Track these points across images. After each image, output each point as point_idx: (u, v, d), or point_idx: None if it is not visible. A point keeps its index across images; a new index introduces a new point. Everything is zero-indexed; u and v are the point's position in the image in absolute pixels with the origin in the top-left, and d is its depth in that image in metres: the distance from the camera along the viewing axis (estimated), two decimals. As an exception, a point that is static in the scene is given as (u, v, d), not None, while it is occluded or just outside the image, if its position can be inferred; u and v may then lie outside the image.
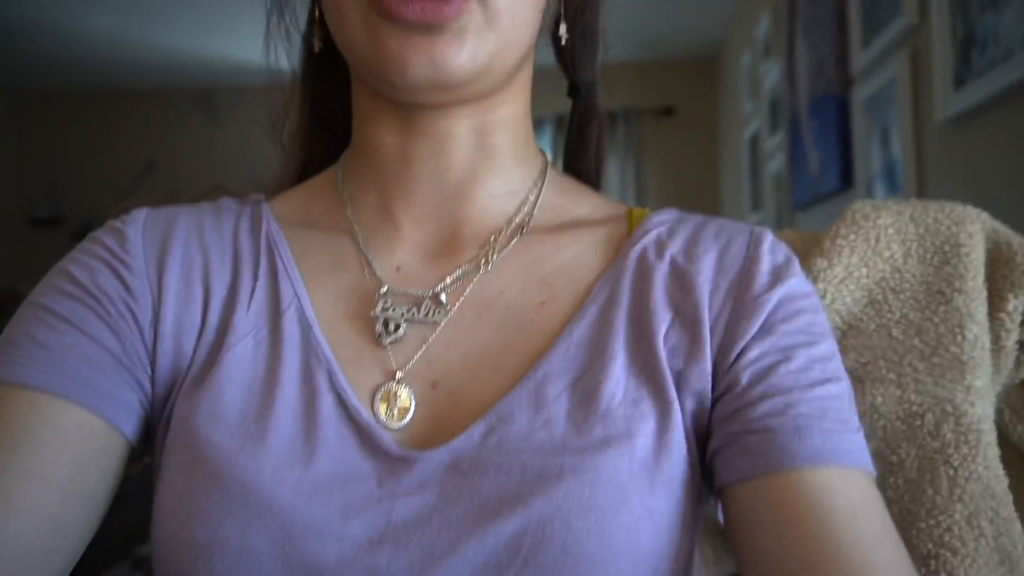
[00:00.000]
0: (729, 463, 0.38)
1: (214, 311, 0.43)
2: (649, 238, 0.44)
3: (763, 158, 2.81)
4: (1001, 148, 1.17)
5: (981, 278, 0.42)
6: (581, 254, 0.45)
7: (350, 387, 0.40)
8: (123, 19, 3.53)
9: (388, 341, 0.41)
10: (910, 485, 0.45)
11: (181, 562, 0.36)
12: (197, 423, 0.39)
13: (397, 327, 0.42)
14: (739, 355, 0.40)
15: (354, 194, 0.47)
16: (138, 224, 0.45)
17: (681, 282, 0.42)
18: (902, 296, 0.46)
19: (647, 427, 0.38)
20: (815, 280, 0.47)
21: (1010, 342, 0.43)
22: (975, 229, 0.44)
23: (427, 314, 0.42)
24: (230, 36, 3.78)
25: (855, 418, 0.40)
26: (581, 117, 0.54)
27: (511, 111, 0.46)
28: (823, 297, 0.47)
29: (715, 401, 0.40)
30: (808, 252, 0.48)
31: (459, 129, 0.44)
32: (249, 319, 0.42)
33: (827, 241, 0.48)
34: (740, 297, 0.41)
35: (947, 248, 0.45)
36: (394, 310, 0.42)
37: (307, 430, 0.39)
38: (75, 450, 0.38)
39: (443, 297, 0.43)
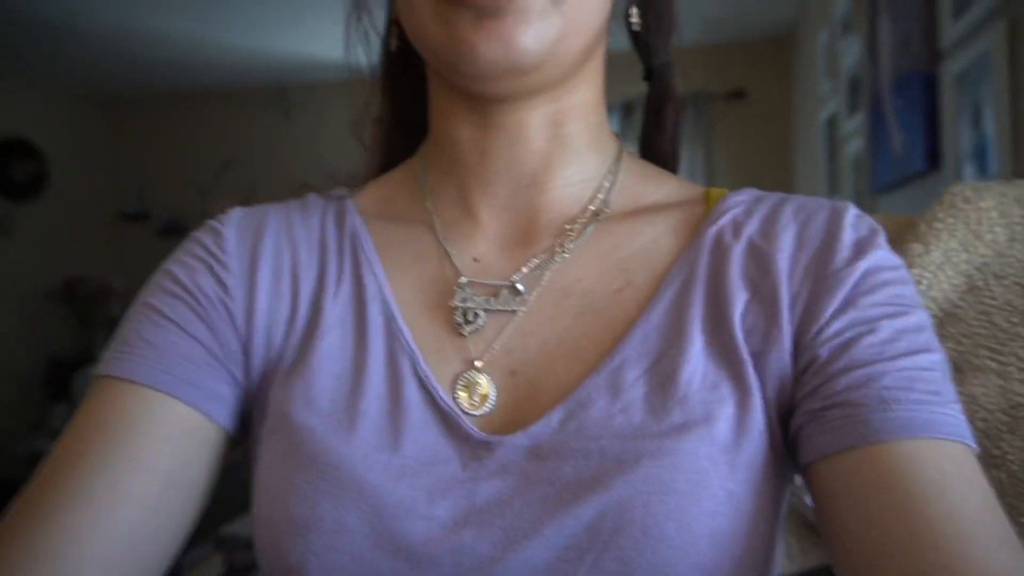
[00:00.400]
0: (811, 440, 0.37)
1: (303, 303, 0.45)
2: (726, 219, 0.44)
3: (841, 141, 2.70)
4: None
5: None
6: (658, 238, 0.45)
7: (433, 375, 0.42)
8: (201, 22, 3.68)
9: (468, 331, 0.43)
10: (1014, 480, 0.43)
11: (280, 539, 0.39)
12: (292, 410, 0.41)
13: (476, 316, 0.43)
14: (819, 331, 0.39)
15: (434, 187, 0.48)
16: (233, 223, 0.48)
17: (758, 261, 0.42)
18: (1005, 282, 0.44)
19: (726, 411, 0.38)
20: (910, 266, 0.45)
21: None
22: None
23: (505, 303, 0.43)
24: (302, 35, 3.89)
25: (950, 389, 0.37)
26: (657, 101, 0.54)
27: (583, 99, 0.46)
28: (919, 283, 0.45)
29: (797, 379, 0.39)
30: (902, 237, 0.47)
31: (532, 120, 0.45)
32: (336, 311, 0.44)
33: (923, 225, 0.46)
34: (820, 272, 0.40)
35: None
36: (473, 300, 0.43)
37: (393, 416, 0.40)
38: (177, 442, 0.41)
39: (520, 286, 0.44)
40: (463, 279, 0.44)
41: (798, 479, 0.42)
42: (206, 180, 4.81)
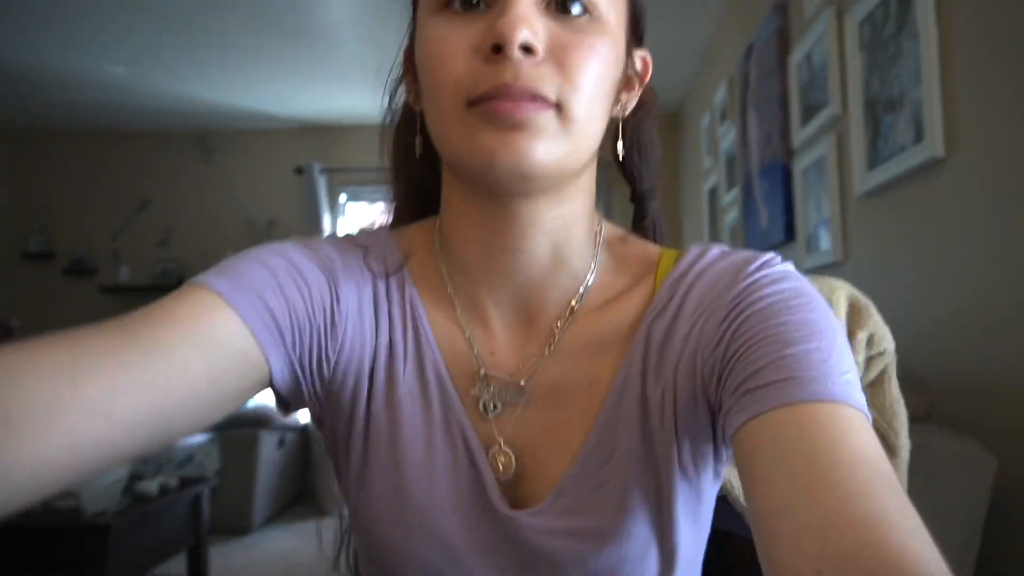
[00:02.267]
0: (731, 418, 0.42)
1: (381, 357, 0.53)
2: (660, 313, 0.51)
3: (720, 210, 3.15)
4: (900, 217, 1.51)
5: (843, 320, 0.71)
6: (616, 329, 0.52)
7: (478, 446, 0.51)
8: (134, 68, 3.75)
9: (491, 416, 0.52)
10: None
11: (383, 556, 0.52)
12: (391, 450, 0.52)
13: (495, 407, 0.52)
14: (720, 381, 0.45)
15: (451, 275, 0.55)
16: (337, 259, 0.53)
17: (686, 354, 0.48)
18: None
19: (641, 531, 0.49)
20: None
21: (860, 358, 0.71)
22: (841, 293, 0.74)
23: (515, 398, 0.52)
24: (226, 82, 4.00)
25: (841, 367, 0.41)
26: (641, 215, 0.62)
27: (577, 207, 0.52)
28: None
29: (717, 401, 0.46)
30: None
31: (539, 245, 0.51)
32: (407, 377, 0.53)
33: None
34: (711, 321, 0.47)
35: (830, 303, 0.74)
36: (493, 391, 0.52)
37: (454, 473, 0.51)
38: (222, 355, 0.43)
39: (522, 382, 0.52)
40: (483, 372, 0.52)
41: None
42: (119, 220, 4.76)
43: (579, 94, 0.46)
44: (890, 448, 0.73)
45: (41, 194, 4.84)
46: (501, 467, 0.50)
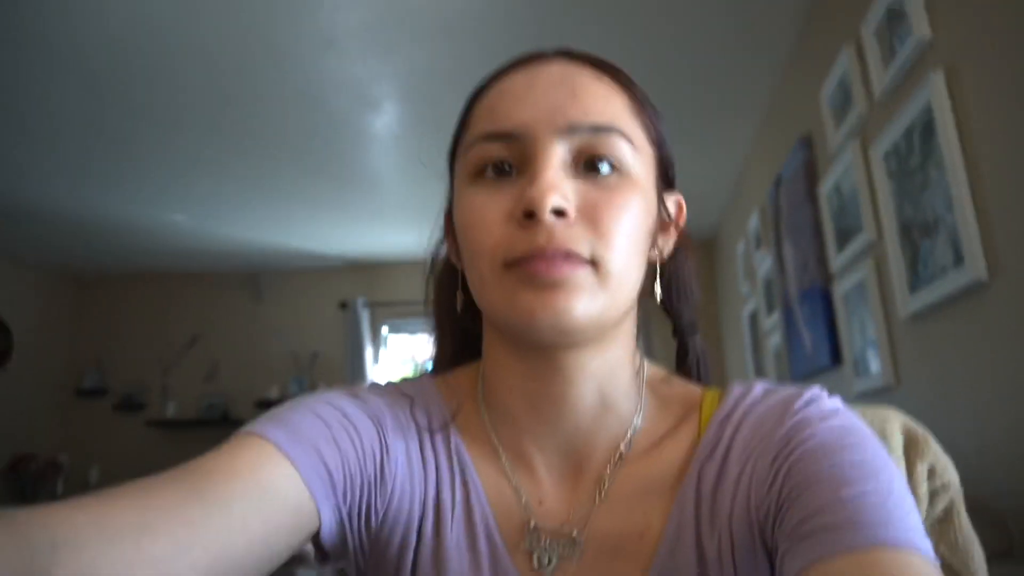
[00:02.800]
0: (787, 563, 0.41)
1: (429, 510, 0.52)
2: (708, 456, 0.50)
3: (763, 335, 3.12)
4: (949, 340, 1.47)
5: (900, 452, 0.68)
6: (664, 474, 0.51)
7: None
8: (193, 215, 4.01)
9: (547, 573, 0.50)
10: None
11: None
12: None
13: (550, 560, 0.50)
14: (775, 526, 0.44)
15: (495, 424, 0.55)
16: (385, 412, 0.54)
17: (739, 497, 0.47)
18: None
19: None
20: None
21: (922, 491, 0.68)
22: (895, 424, 0.72)
23: (568, 551, 0.50)
24: (275, 225, 4.24)
25: (902, 509, 0.40)
26: (683, 350, 0.62)
27: (618, 354, 0.53)
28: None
29: (773, 541, 0.44)
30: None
31: (586, 391, 0.51)
32: (455, 531, 0.51)
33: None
34: (758, 468, 0.47)
35: (883, 434, 0.72)
36: (545, 543, 0.50)
37: None
38: (278, 508, 0.43)
39: (575, 533, 0.50)
40: (532, 523, 0.51)
41: None
42: (169, 356, 4.91)
43: (613, 250, 0.47)
44: (969, 591, 0.68)
45: (99, 333, 5.07)
46: None
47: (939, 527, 0.72)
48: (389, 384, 0.59)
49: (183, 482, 0.41)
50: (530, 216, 0.46)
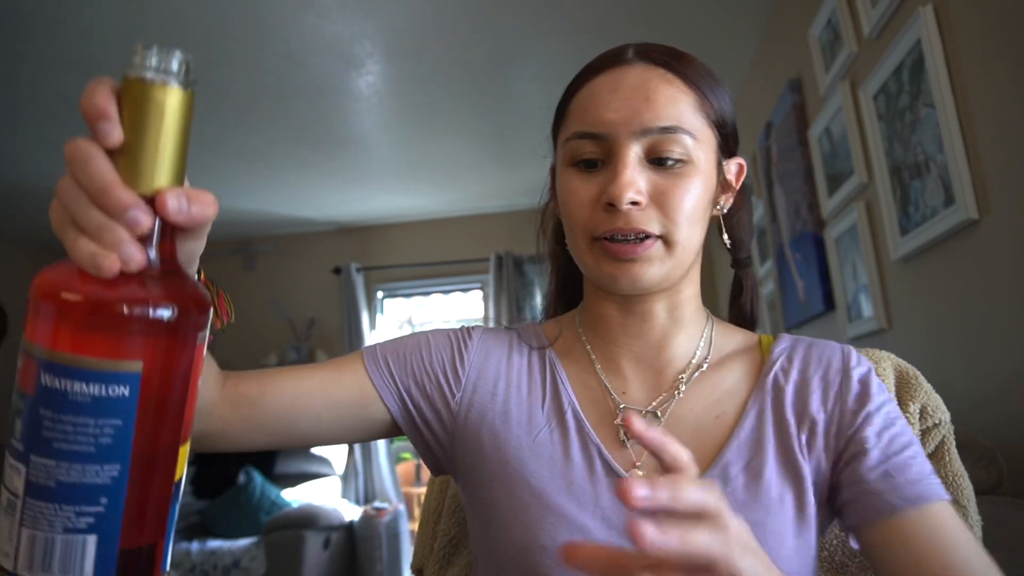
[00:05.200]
0: (856, 514, 0.59)
1: (514, 393, 0.68)
2: (776, 367, 0.66)
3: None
4: (940, 280, 1.48)
5: (892, 393, 0.69)
6: (736, 381, 0.67)
7: (617, 465, 0.63)
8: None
9: (628, 443, 0.64)
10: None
11: (530, 556, 0.60)
12: (530, 476, 0.63)
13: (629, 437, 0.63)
14: (846, 447, 0.61)
15: (591, 341, 0.71)
16: (479, 334, 0.73)
17: (803, 400, 0.63)
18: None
19: (790, 499, 0.60)
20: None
21: (915, 432, 0.69)
22: (887, 366, 0.73)
23: (649, 423, 0.63)
24: (265, 193, 4.20)
25: (928, 464, 0.60)
26: (739, 280, 0.76)
27: (687, 293, 0.68)
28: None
29: (837, 474, 0.61)
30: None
31: (655, 309, 0.67)
32: (544, 415, 0.67)
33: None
34: (843, 409, 0.62)
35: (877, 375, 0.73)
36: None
37: (593, 485, 0.62)
38: (346, 387, 0.68)
39: (657, 412, 0.66)
40: (622, 406, 0.66)
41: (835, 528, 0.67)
42: (165, 328, 4.90)
43: (678, 226, 0.61)
44: (959, 525, 0.70)
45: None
46: None
47: (930, 463, 0.73)
48: (500, 327, 0.76)
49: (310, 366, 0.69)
50: (612, 205, 0.60)
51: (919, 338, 1.61)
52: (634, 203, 0.59)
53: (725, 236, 0.71)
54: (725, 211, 0.70)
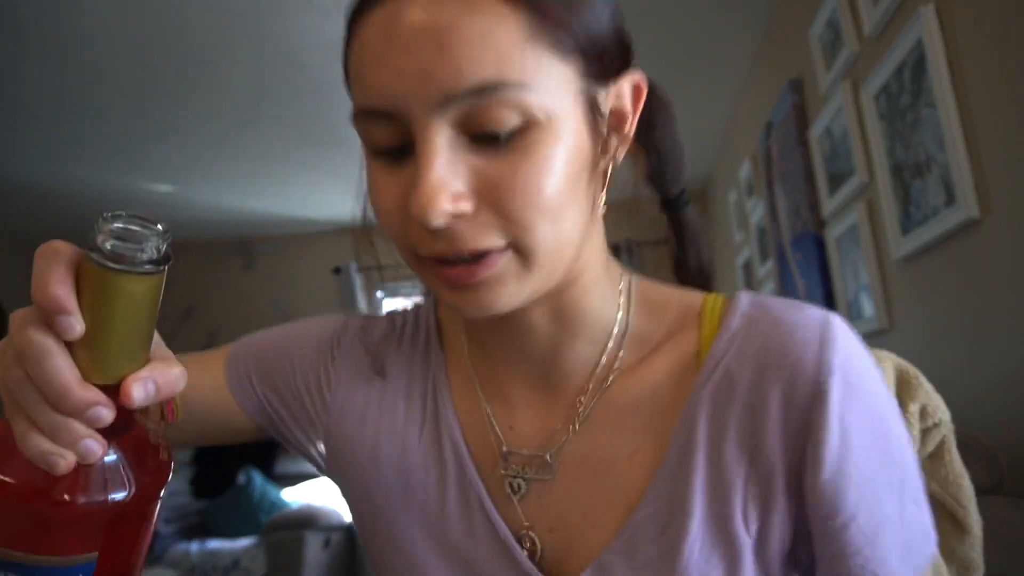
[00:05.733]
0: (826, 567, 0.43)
1: (389, 432, 0.54)
2: (719, 368, 0.45)
3: (756, 283, 3.13)
4: (941, 280, 1.48)
5: (892, 393, 0.69)
6: (659, 388, 0.47)
7: (504, 525, 0.49)
8: (180, 185, 3.97)
9: (516, 498, 0.49)
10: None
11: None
12: (399, 537, 0.52)
13: (520, 486, 0.49)
14: (816, 505, 0.43)
15: (473, 357, 0.55)
16: (348, 340, 0.59)
17: (756, 428, 0.43)
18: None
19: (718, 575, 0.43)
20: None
21: (915, 432, 0.69)
22: (887, 366, 0.72)
23: (540, 473, 0.49)
24: (266, 192, 4.19)
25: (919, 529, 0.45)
26: (678, 228, 0.56)
27: (577, 288, 0.48)
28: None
29: (799, 531, 0.44)
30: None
31: (532, 319, 0.49)
32: (421, 450, 0.53)
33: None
34: (812, 455, 0.42)
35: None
36: (516, 469, 0.50)
37: (471, 548, 0.50)
38: (214, 412, 0.58)
39: (548, 457, 0.49)
40: (505, 449, 0.50)
41: None
42: (165, 329, 4.89)
43: (532, 230, 0.40)
44: (960, 525, 0.70)
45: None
46: (528, 549, 0.48)
47: (930, 463, 0.73)
48: (391, 312, 0.62)
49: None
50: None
51: (920, 338, 1.60)
52: (455, 215, 0.39)
53: (601, 200, 0.48)
54: (619, 159, 0.48)
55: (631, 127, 0.47)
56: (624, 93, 0.46)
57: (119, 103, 2.90)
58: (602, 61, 0.43)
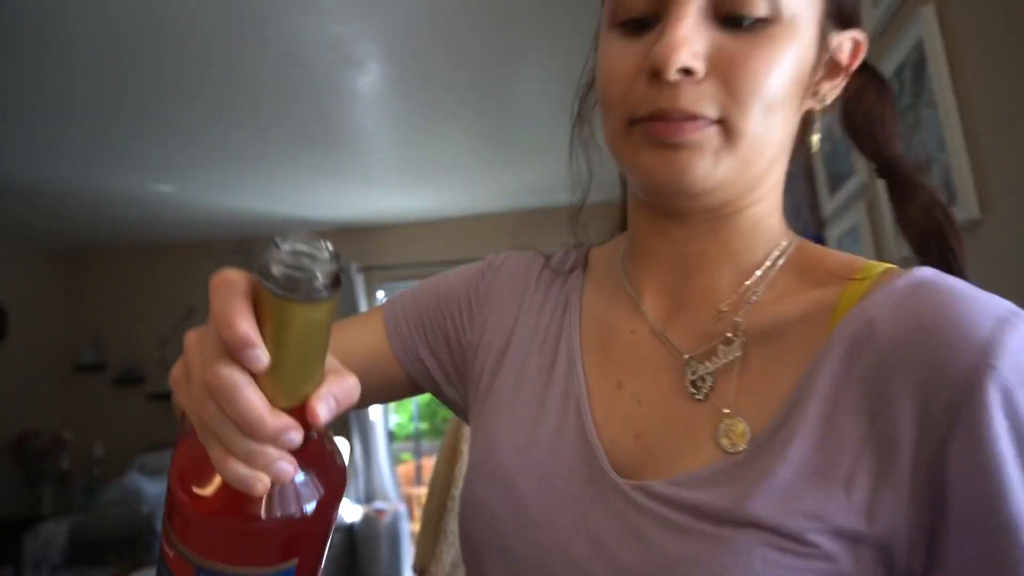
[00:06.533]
0: None
1: (519, 344, 0.58)
2: (859, 324, 0.42)
3: (757, 282, 3.12)
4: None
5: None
6: (786, 329, 0.46)
7: (593, 431, 0.49)
8: (180, 185, 3.97)
9: (700, 396, 0.47)
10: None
11: (487, 492, 0.51)
12: (498, 447, 0.53)
13: (703, 381, 0.48)
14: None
15: (626, 269, 0.56)
16: (502, 267, 0.64)
17: (882, 390, 0.40)
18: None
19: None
20: None
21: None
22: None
23: (726, 355, 0.47)
24: (265, 192, 4.19)
25: None
26: (901, 193, 0.53)
27: (752, 212, 0.49)
28: None
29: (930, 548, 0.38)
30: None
31: (696, 234, 0.50)
32: (538, 356, 0.56)
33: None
34: (958, 430, 0.37)
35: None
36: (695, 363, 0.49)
37: (554, 449, 0.50)
38: (372, 365, 0.61)
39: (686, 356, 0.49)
40: (686, 356, 0.48)
41: None
42: (165, 329, 4.91)
43: (747, 110, 0.43)
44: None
45: (95, 308, 5.04)
46: (735, 439, 0.44)
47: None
48: (537, 250, 0.66)
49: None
50: (656, 75, 0.43)
51: (920, 338, 1.60)
52: (687, 71, 0.42)
53: (816, 140, 0.52)
54: (825, 103, 0.50)
55: (843, 78, 0.50)
56: (845, 47, 0.49)
57: (119, 104, 2.90)
58: (839, 7, 0.48)
